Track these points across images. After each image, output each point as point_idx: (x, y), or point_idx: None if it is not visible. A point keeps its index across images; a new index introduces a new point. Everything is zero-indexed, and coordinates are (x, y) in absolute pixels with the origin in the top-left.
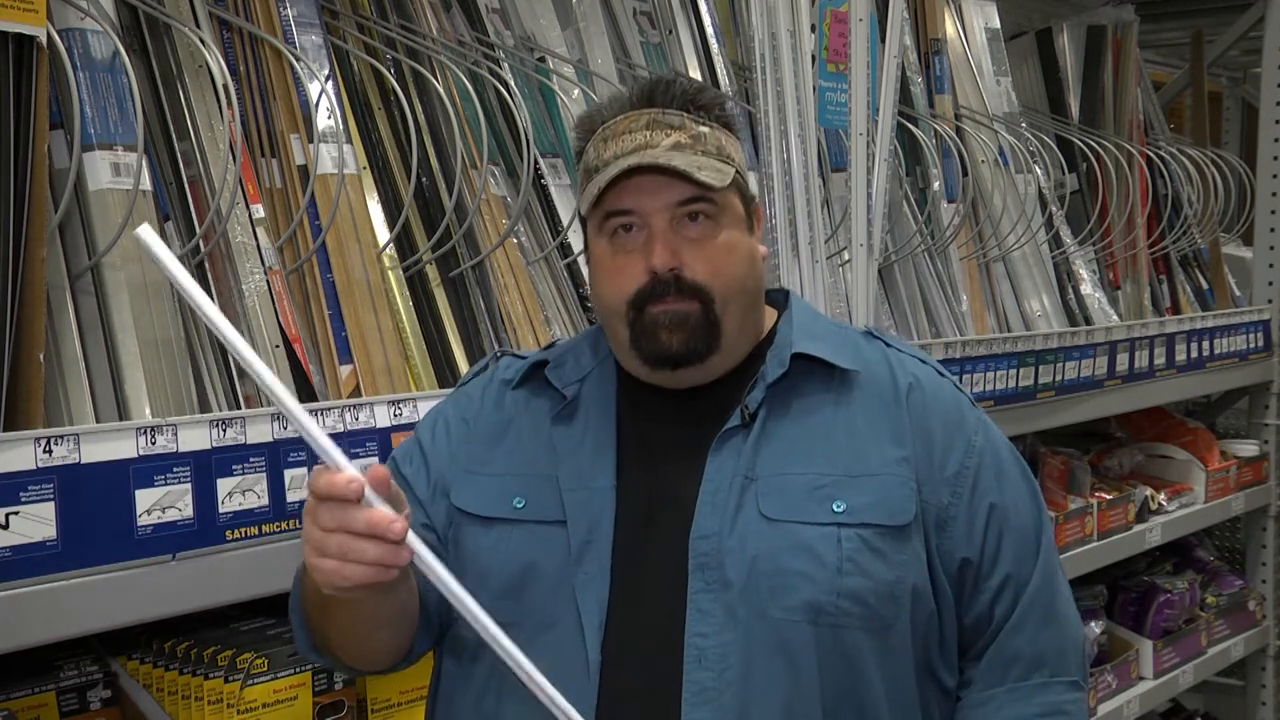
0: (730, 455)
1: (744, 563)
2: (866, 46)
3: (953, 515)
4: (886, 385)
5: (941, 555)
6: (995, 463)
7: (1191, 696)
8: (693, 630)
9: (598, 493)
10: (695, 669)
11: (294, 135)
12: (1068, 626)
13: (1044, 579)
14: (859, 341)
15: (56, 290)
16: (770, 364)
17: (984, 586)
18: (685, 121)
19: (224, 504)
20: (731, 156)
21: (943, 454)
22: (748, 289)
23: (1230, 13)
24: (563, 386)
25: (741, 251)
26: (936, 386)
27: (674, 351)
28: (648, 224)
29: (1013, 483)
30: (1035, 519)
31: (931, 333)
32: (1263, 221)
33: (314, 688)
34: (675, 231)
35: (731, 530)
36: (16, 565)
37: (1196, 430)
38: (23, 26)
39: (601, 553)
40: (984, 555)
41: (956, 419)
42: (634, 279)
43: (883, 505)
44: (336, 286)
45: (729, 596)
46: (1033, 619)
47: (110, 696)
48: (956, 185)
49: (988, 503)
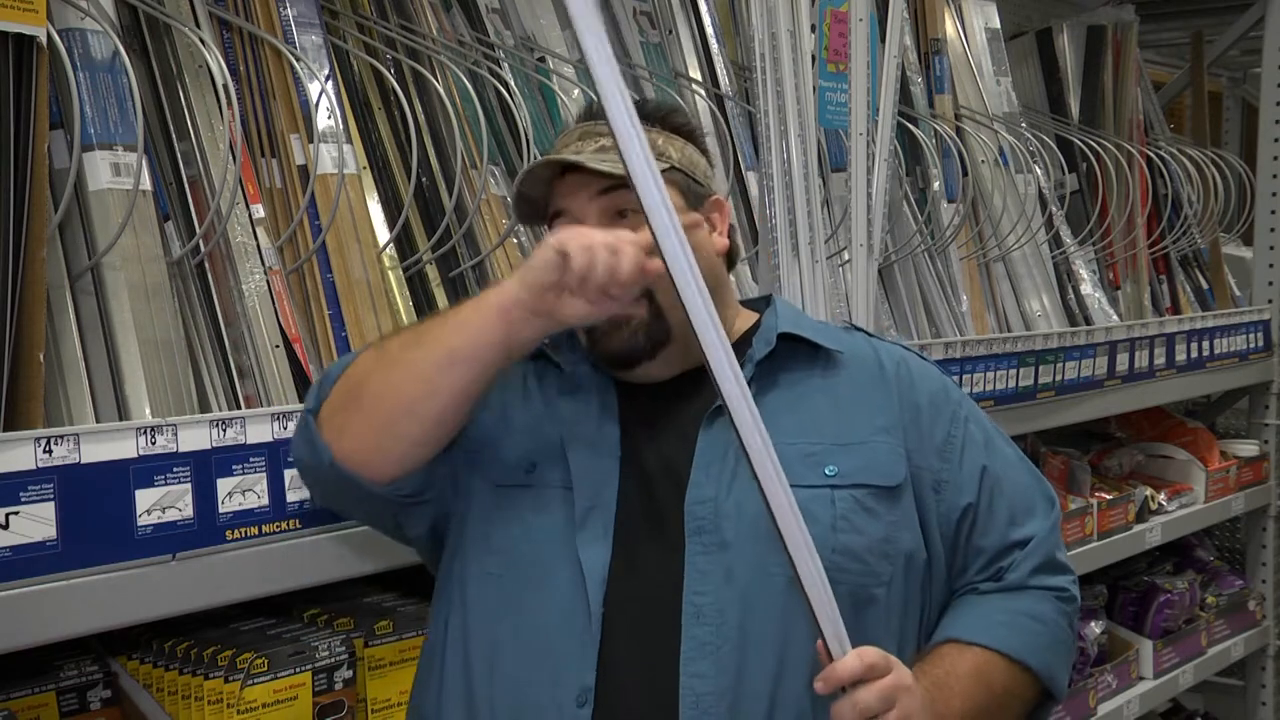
0: (722, 429)
1: (741, 524)
2: (866, 46)
3: (946, 479)
4: (871, 363)
5: (940, 515)
6: (982, 433)
7: (1191, 696)
8: (691, 589)
9: (603, 461)
10: (693, 625)
11: (294, 135)
12: (1066, 567)
13: (1050, 531)
14: (840, 332)
15: (56, 290)
16: (757, 345)
17: (981, 545)
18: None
19: (224, 504)
20: (666, 153)
21: (930, 424)
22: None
23: (1230, 13)
24: (566, 366)
25: None
26: (922, 366)
27: (617, 352)
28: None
29: (1002, 452)
30: (1029, 482)
31: (931, 333)
32: (1263, 221)
33: (314, 688)
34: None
35: (728, 495)
36: (16, 565)
37: (1196, 430)
38: (23, 26)
39: (606, 517)
40: (979, 508)
41: (942, 396)
42: None
43: (873, 468)
44: (336, 286)
45: (727, 556)
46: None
47: (110, 696)
48: (956, 185)
49: (979, 465)
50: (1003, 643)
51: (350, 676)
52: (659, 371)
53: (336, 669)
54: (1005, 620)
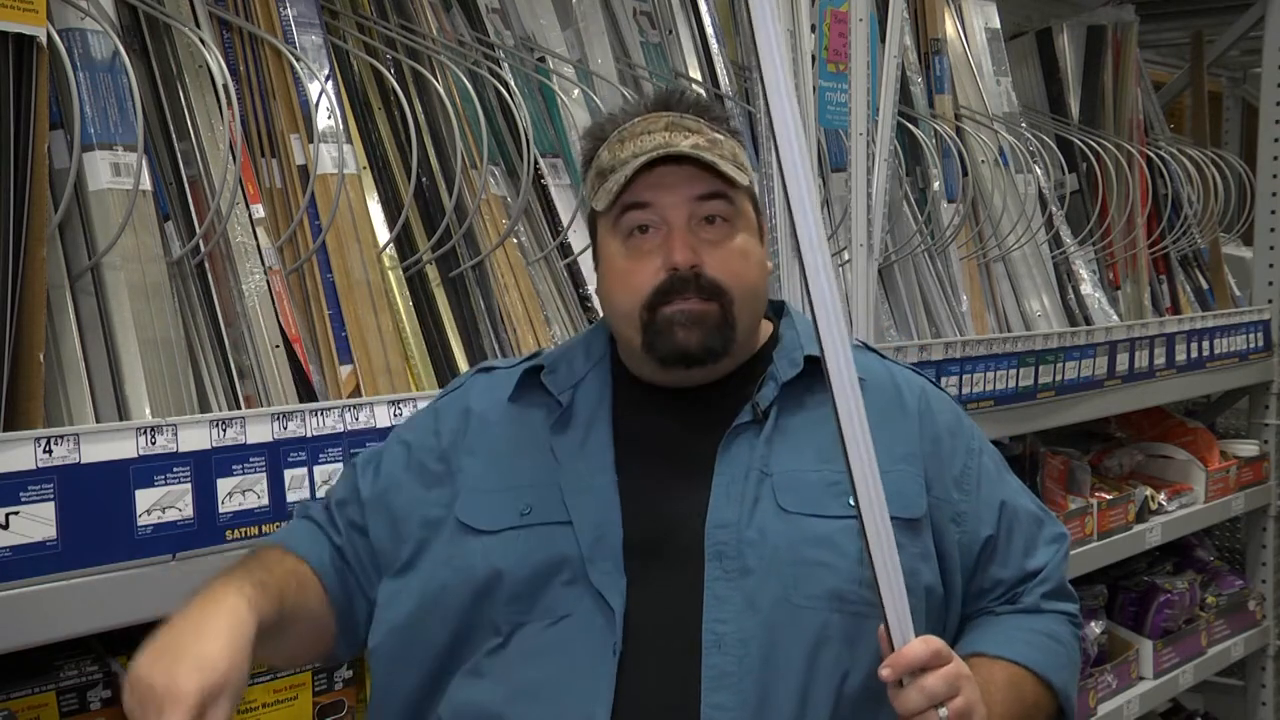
0: (742, 450)
1: (765, 552)
2: (866, 46)
3: (965, 510)
4: (889, 390)
5: (962, 547)
6: (994, 464)
7: (1191, 696)
8: (710, 616)
9: (600, 491)
10: (714, 654)
11: (294, 135)
12: (1073, 594)
13: (1062, 560)
14: (854, 352)
15: (56, 290)
16: (781, 364)
17: (1000, 577)
18: (702, 126)
19: (224, 504)
20: (745, 165)
21: (949, 456)
22: (759, 295)
23: (1230, 13)
24: (558, 393)
25: (756, 257)
26: (939, 396)
27: (691, 349)
28: (665, 223)
29: (1010, 482)
30: (1036, 511)
31: (931, 333)
32: (1263, 221)
33: (314, 688)
34: (693, 233)
35: (750, 521)
36: (16, 565)
37: (1196, 430)
38: (23, 26)
39: (613, 548)
40: (999, 540)
41: (958, 426)
42: (650, 279)
43: (896, 499)
44: (336, 286)
45: (748, 584)
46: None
47: (110, 696)
48: (956, 185)
49: (998, 498)
50: (1029, 659)
51: (350, 676)
52: (704, 376)
53: (336, 669)
54: (1028, 639)
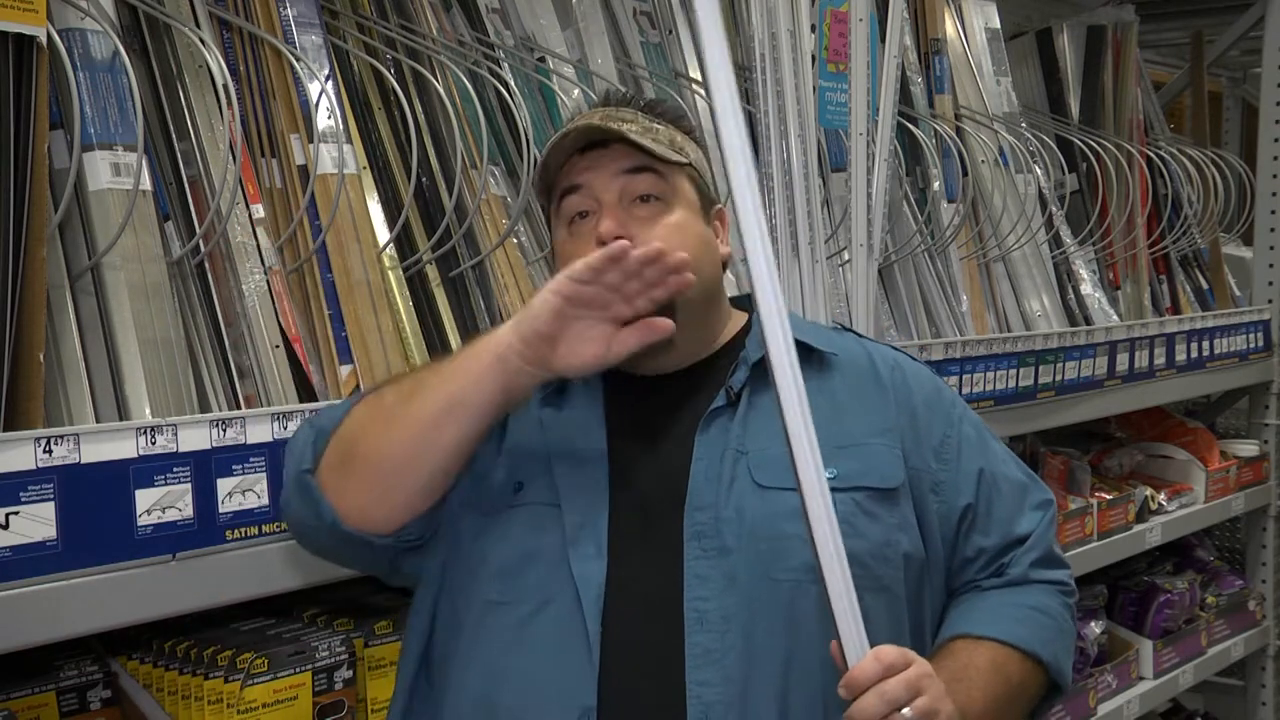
0: (719, 433)
1: (742, 529)
2: (866, 46)
3: (943, 480)
4: (864, 365)
5: (940, 516)
6: (976, 433)
7: (1191, 696)
8: (692, 595)
9: (590, 474)
10: (697, 632)
11: (294, 135)
12: (1063, 560)
13: (1048, 525)
14: (831, 333)
15: (56, 290)
16: (750, 347)
17: (982, 545)
18: (638, 117)
19: (224, 504)
20: (685, 150)
21: (926, 426)
22: (701, 270)
23: (1230, 13)
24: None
25: (693, 232)
26: (915, 368)
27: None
28: (599, 203)
29: (994, 449)
30: (1022, 479)
31: (931, 333)
32: (1263, 221)
33: (314, 688)
34: (626, 211)
35: (727, 501)
36: (16, 565)
37: (1196, 430)
38: (23, 26)
39: (598, 533)
40: (978, 508)
41: (936, 397)
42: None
43: (872, 470)
44: (336, 286)
45: (728, 562)
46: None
47: (110, 696)
48: (956, 185)
49: (977, 466)
50: (1015, 636)
51: (350, 676)
52: (667, 361)
53: (336, 669)
54: (1014, 615)
